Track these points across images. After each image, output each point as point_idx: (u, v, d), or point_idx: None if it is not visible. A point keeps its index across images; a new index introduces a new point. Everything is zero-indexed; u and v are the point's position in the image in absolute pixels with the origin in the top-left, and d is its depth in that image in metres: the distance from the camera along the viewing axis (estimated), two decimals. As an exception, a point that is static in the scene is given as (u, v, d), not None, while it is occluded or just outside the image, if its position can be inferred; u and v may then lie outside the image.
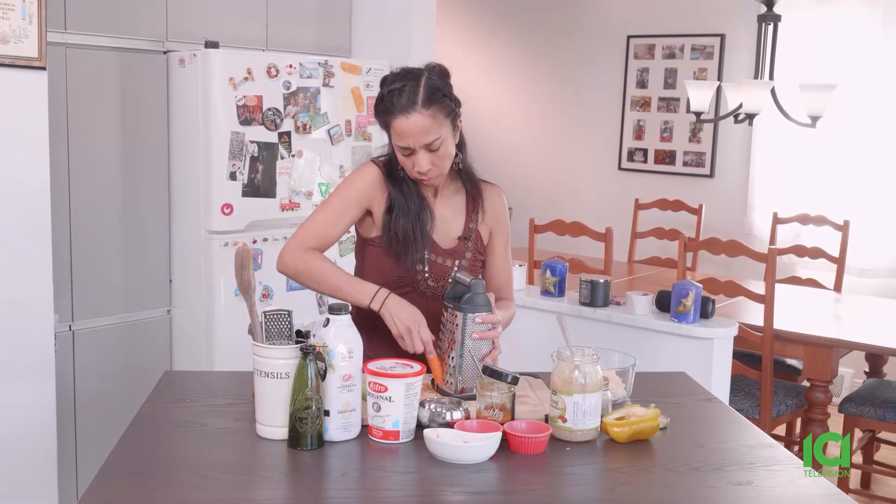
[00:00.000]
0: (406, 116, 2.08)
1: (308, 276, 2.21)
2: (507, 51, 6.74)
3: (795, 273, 5.00)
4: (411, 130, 2.08)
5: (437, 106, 2.09)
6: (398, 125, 2.09)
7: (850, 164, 5.19)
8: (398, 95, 2.08)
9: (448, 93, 2.14)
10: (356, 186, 2.23)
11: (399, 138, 2.11)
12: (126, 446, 1.78)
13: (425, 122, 2.08)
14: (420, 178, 2.17)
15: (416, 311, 2.11)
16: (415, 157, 2.12)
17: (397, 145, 2.13)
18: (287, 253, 2.22)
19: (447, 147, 2.14)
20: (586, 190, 6.34)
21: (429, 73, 2.13)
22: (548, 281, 3.55)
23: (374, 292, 2.13)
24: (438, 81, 2.13)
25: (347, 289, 2.17)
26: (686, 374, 2.39)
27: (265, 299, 3.64)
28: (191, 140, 3.61)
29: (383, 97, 2.12)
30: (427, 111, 2.08)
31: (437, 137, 2.10)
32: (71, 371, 3.48)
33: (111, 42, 3.50)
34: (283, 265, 2.24)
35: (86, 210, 3.48)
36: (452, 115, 2.15)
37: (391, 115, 2.10)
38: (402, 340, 2.10)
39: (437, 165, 2.15)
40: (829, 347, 3.60)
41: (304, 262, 2.20)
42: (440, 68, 2.17)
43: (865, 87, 5.09)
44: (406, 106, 2.07)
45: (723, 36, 5.67)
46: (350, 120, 3.95)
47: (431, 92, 2.09)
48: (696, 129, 5.83)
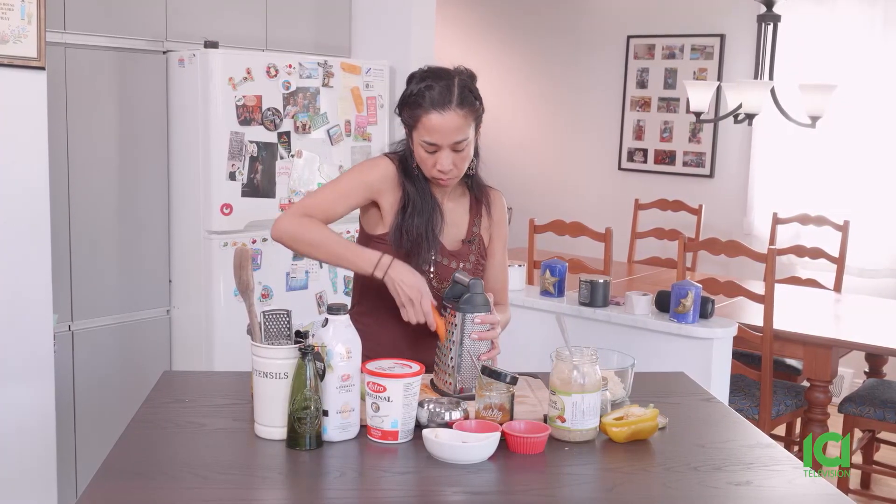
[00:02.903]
0: (440, 113, 2.08)
1: (306, 242, 2.16)
2: (506, 51, 6.74)
3: (795, 273, 5.00)
4: (444, 128, 2.09)
5: (469, 108, 2.11)
6: (431, 120, 2.09)
7: (849, 164, 5.19)
8: (431, 91, 2.09)
9: (478, 95, 2.16)
10: (369, 174, 2.21)
11: (428, 134, 2.10)
12: (124, 446, 1.78)
13: (458, 121, 2.09)
14: (438, 177, 2.16)
15: (419, 279, 2.10)
16: (438, 155, 2.12)
17: (424, 141, 2.12)
18: (285, 218, 2.16)
19: (470, 150, 2.16)
20: (586, 190, 6.34)
21: (459, 74, 2.15)
22: (547, 281, 3.55)
23: (378, 259, 2.10)
24: (469, 83, 2.15)
25: (348, 255, 2.15)
26: (685, 375, 2.39)
27: (265, 299, 3.64)
28: (190, 140, 3.61)
29: (415, 92, 2.12)
30: (461, 111, 2.09)
31: (464, 138, 2.11)
32: (70, 371, 3.47)
33: (110, 42, 3.50)
34: (278, 231, 2.16)
35: (85, 210, 3.48)
36: (478, 120, 2.17)
37: (424, 110, 2.09)
38: (405, 309, 2.09)
39: (458, 166, 2.16)
40: (828, 347, 3.60)
41: (302, 227, 2.15)
42: (469, 71, 2.18)
43: (865, 87, 5.09)
44: (442, 103, 2.08)
45: (723, 36, 5.66)
46: (349, 120, 3.95)
47: (465, 93, 2.11)
48: (695, 129, 5.83)
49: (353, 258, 2.14)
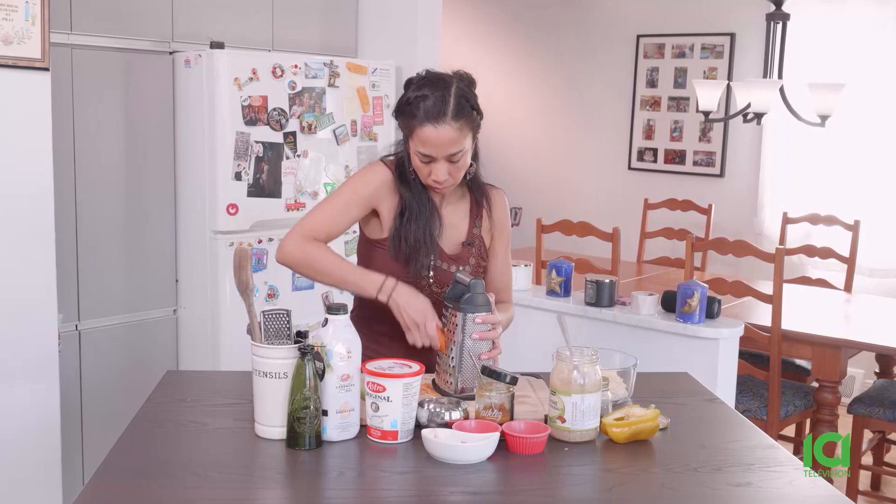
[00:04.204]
0: (435, 126, 2.05)
1: (310, 267, 2.16)
2: (515, 51, 6.73)
3: (806, 273, 4.97)
4: (438, 141, 2.06)
5: (465, 119, 2.08)
6: (425, 133, 2.06)
7: (860, 164, 5.15)
8: (425, 101, 2.05)
9: (475, 104, 2.12)
10: (365, 185, 2.19)
11: (422, 145, 2.08)
12: (124, 446, 1.78)
13: (453, 133, 2.06)
14: (434, 186, 2.15)
15: (423, 301, 2.10)
16: (433, 166, 2.10)
17: (418, 152, 2.10)
18: (288, 242, 2.17)
19: (466, 159, 2.13)
20: (596, 190, 6.32)
21: (458, 82, 2.11)
22: (553, 281, 3.54)
23: (381, 283, 2.10)
24: (467, 91, 2.11)
25: (353, 279, 2.15)
26: (689, 375, 2.38)
27: (271, 299, 3.64)
28: (196, 140, 3.62)
29: (410, 101, 2.09)
30: (456, 123, 2.06)
31: (460, 150, 2.09)
32: (77, 371, 3.49)
33: (117, 43, 3.51)
34: (283, 255, 2.18)
35: (92, 210, 3.49)
36: (476, 129, 2.14)
37: (419, 121, 2.06)
38: (409, 333, 2.09)
39: (454, 175, 2.13)
40: (836, 348, 3.57)
41: (306, 252, 2.15)
42: (468, 78, 2.15)
43: (875, 86, 5.05)
44: (437, 115, 2.04)
45: (733, 35, 5.64)
46: (356, 120, 3.94)
47: (461, 104, 2.07)
48: (706, 128, 5.81)
49: (357, 282, 2.14)
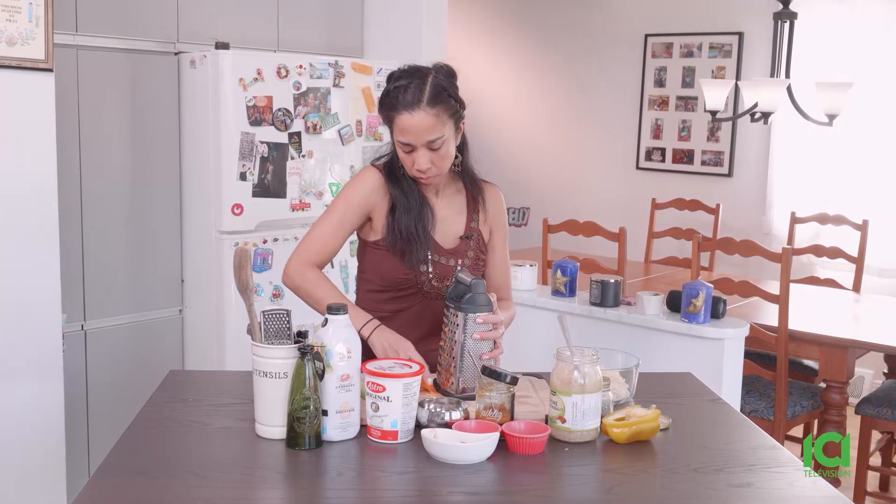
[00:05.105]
0: (410, 113, 2.09)
1: (306, 294, 2.23)
2: (522, 50, 6.72)
3: (814, 273, 4.95)
4: (414, 127, 2.09)
5: (442, 105, 2.10)
6: (401, 121, 2.10)
7: (868, 163, 5.13)
8: (404, 92, 2.10)
9: (453, 93, 2.15)
10: (357, 193, 2.24)
11: (401, 134, 2.12)
12: (125, 445, 1.78)
13: (429, 120, 2.09)
14: (419, 177, 2.17)
15: (405, 343, 2.11)
16: (415, 155, 2.13)
17: (399, 141, 2.14)
18: (290, 268, 2.26)
19: (448, 147, 2.15)
20: (604, 189, 6.31)
21: (436, 72, 2.14)
22: (558, 281, 3.53)
23: (366, 321, 2.14)
24: (445, 81, 2.14)
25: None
26: (692, 375, 2.37)
27: (276, 299, 3.65)
28: (201, 141, 3.62)
29: (388, 92, 2.14)
30: (432, 110, 2.09)
31: (439, 136, 2.11)
32: (83, 371, 3.50)
33: (122, 44, 3.52)
34: (286, 280, 2.28)
35: (97, 210, 3.50)
36: (456, 117, 2.15)
37: (395, 111, 2.11)
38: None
39: (437, 165, 2.15)
40: (844, 348, 3.55)
41: (304, 280, 2.23)
42: (447, 68, 2.17)
43: (884, 85, 5.03)
44: (411, 103, 2.08)
45: (741, 34, 5.62)
46: (361, 120, 3.94)
47: (437, 91, 2.10)
48: (714, 128, 5.79)
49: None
